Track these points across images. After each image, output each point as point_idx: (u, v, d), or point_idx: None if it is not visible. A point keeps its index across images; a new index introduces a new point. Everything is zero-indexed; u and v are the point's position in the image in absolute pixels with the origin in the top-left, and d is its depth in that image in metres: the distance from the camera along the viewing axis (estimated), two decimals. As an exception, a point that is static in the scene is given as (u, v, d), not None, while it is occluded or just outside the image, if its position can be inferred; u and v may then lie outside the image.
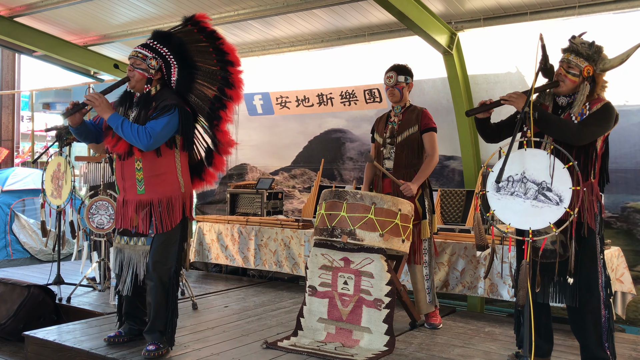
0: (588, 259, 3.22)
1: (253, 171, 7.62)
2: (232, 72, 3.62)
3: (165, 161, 3.51)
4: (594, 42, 3.32)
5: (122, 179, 3.55)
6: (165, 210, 3.47)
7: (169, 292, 3.51)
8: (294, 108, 6.94)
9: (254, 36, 6.63)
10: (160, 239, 3.49)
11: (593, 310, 3.21)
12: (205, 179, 3.78)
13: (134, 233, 3.56)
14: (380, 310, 3.70)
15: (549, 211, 3.00)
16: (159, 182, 3.49)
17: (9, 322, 4.51)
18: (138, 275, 3.54)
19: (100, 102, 3.42)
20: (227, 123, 3.64)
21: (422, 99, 6.03)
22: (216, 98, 3.60)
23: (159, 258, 3.47)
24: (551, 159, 3.02)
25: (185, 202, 3.58)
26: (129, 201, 3.53)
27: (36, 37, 6.73)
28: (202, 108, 3.63)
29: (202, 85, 3.63)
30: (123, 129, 3.37)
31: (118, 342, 3.68)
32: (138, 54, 3.53)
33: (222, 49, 3.64)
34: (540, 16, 5.17)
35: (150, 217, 3.49)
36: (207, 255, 6.40)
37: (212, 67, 3.61)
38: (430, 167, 4.26)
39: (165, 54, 3.58)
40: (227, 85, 3.60)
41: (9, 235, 7.44)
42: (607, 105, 3.23)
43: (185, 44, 3.62)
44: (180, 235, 3.54)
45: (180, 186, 3.56)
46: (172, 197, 3.51)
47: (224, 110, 3.61)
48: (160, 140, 3.43)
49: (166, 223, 3.47)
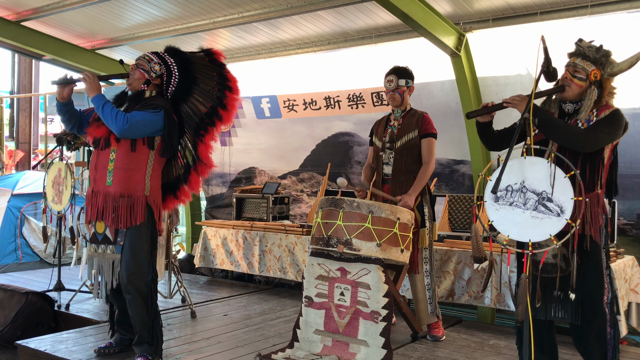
0: (592, 273, 3.04)
1: (261, 175, 7.54)
2: (228, 95, 3.67)
3: (137, 158, 3.44)
4: (601, 45, 3.16)
5: (95, 169, 3.50)
6: (126, 206, 3.39)
7: (148, 302, 3.43)
8: (301, 111, 6.83)
9: (261, 39, 6.54)
10: (127, 248, 3.39)
11: (597, 328, 3.03)
12: (179, 197, 3.72)
13: (101, 240, 3.48)
14: (377, 322, 3.57)
15: (550, 223, 2.84)
16: (126, 176, 3.42)
17: (6, 330, 4.47)
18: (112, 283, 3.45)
19: (92, 80, 3.48)
20: (212, 139, 3.63)
21: (430, 102, 5.89)
22: (207, 114, 3.61)
23: (133, 269, 3.38)
24: (552, 167, 2.86)
25: (152, 208, 3.48)
26: (98, 192, 3.46)
27: (44, 41, 6.72)
28: (192, 119, 3.62)
29: (197, 100, 3.65)
30: (103, 109, 3.36)
31: (108, 352, 3.62)
32: (145, 56, 3.64)
33: (225, 75, 3.73)
34: (551, 16, 5.00)
35: (113, 211, 3.41)
36: (212, 260, 6.32)
37: (210, 87, 3.66)
38: (426, 175, 4.13)
39: (170, 64, 3.67)
40: (220, 105, 3.63)
41: (19, 238, 7.44)
42: (616, 112, 3.05)
43: (192, 61, 3.72)
44: (149, 244, 3.45)
45: (145, 187, 3.46)
46: (134, 196, 3.42)
47: (212, 127, 3.62)
48: (137, 131, 3.38)
49: (124, 219, 3.38)
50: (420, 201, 4.17)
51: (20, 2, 6.19)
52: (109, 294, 3.56)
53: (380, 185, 4.28)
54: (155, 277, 3.50)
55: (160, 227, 3.55)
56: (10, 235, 7.38)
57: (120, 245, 3.41)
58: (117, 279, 3.42)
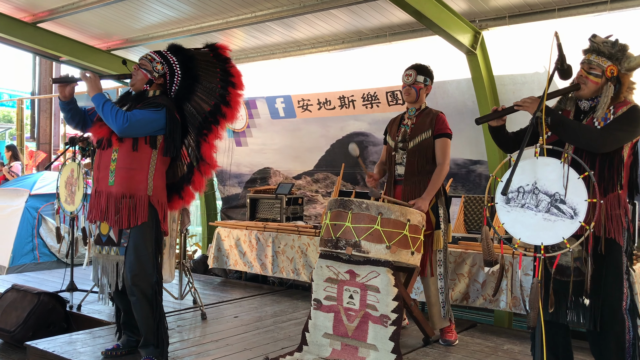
0: (612, 277, 2.92)
1: (276, 175, 7.50)
2: (231, 92, 3.61)
3: (139, 157, 3.42)
4: (617, 40, 3.05)
5: (97, 169, 3.49)
6: (128, 206, 3.36)
7: (153, 304, 3.40)
8: (315, 111, 6.77)
9: (275, 38, 6.49)
10: (131, 250, 3.37)
11: (616, 334, 2.92)
12: (184, 197, 3.68)
13: (105, 242, 3.46)
14: (386, 327, 3.49)
15: (563, 225, 2.73)
16: (128, 176, 3.39)
17: (18, 330, 4.48)
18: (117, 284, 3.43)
19: (94, 79, 3.48)
20: (216, 138, 3.58)
21: (446, 101, 5.79)
22: (211, 113, 3.57)
23: (137, 271, 3.35)
24: (565, 168, 2.76)
25: (156, 208, 3.45)
26: (100, 192, 3.44)
27: (59, 42, 6.76)
28: (195, 118, 3.58)
29: (200, 99, 3.61)
30: (103, 107, 3.35)
31: (115, 355, 3.60)
32: (147, 55, 3.62)
33: (229, 71, 3.67)
34: (569, 12, 4.86)
35: (115, 212, 3.39)
36: (226, 261, 6.29)
37: (214, 84, 3.62)
38: (441, 178, 4.02)
39: (172, 62, 3.64)
40: (223, 103, 3.58)
41: (36, 238, 7.51)
42: (634, 109, 2.93)
43: (195, 58, 3.68)
44: (153, 245, 3.42)
45: (147, 187, 3.42)
46: (136, 195, 3.39)
47: (216, 126, 3.57)
48: (138, 130, 3.36)
49: (127, 219, 3.35)
50: (435, 203, 4.08)
51: (36, 4, 6.23)
52: (115, 296, 3.54)
53: (393, 187, 4.21)
54: (159, 278, 3.46)
55: (166, 228, 3.51)
56: (28, 235, 7.45)
57: (124, 247, 3.39)
58: (122, 280, 3.39)
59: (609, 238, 2.91)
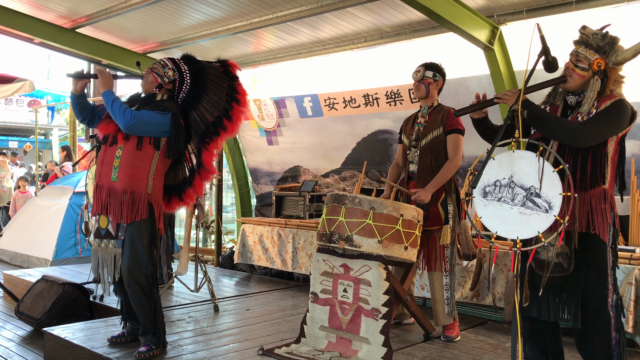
0: (596, 274, 2.86)
1: (306, 173, 7.60)
2: (234, 107, 3.77)
3: (142, 156, 3.57)
4: (607, 32, 2.98)
5: (101, 164, 3.65)
6: (129, 202, 3.51)
7: (149, 295, 3.56)
8: (341, 109, 6.83)
9: (300, 39, 6.60)
10: (127, 243, 3.53)
11: (601, 332, 2.86)
12: (184, 199, 3.83)
13: (104, 235, 3.63)
14: (377, 320, 3.52)
15: (538, 219, 2.71)
16: (130, 173, 3.55)
17: (44, 317, 4.75)
18: (115, 276, 3.60)
19: (107, 77, 3.63)
20: (216, 148, 3.73)
21: (467, 97, 5.72)
22: (213, 124, 3.72)
23: (132, 263, 3.52)
24: (540, 161, 2.73)
25: (154, 206, 3.60)
26: (102, 187, 3.60)
27: (97, 46, 7.07)
28: (199, 126, 3.74)
29: (205, 109, 3.77)
30: (113, 104, 3.50)
31: (120, 342, 3.78)
32: (161, 61, 3.81)
33: (236, 88, 3.84)
34: (587, 5, 4.73)
35: (116, 206, 3.54)
36: (250, 257, 6.43)
37: (219, 97, 3.78)
38: (449, 171, 4.00)
39: (183, 71, 3.81)
40: (226, 116, 3.73)
41: (79, 234, 7.88)
42: (617, 103, 2.85)
43: (205, 70, 3.85)
44: (148, 240, 3.56)
45: (147, 186, 3.58)
46: (137, 193, 3.54)
47: (217, 137, 3.72)
48: (143, 129, 3.52)
49: (126, 214, 3.51)
50: (445, 198, 4.06)
51: (75, 10, 6.55)
52: (115, 287, 3.73)
53: (406, 183, 4.22)
54: (154, 271, 3.62)
55: (161, 226, 3.67)
56: (71, 230, 7.83)
57: (121, 240, 3.56)
58: (119, 272, 3.56)
59: (592, 234, 2.85)
